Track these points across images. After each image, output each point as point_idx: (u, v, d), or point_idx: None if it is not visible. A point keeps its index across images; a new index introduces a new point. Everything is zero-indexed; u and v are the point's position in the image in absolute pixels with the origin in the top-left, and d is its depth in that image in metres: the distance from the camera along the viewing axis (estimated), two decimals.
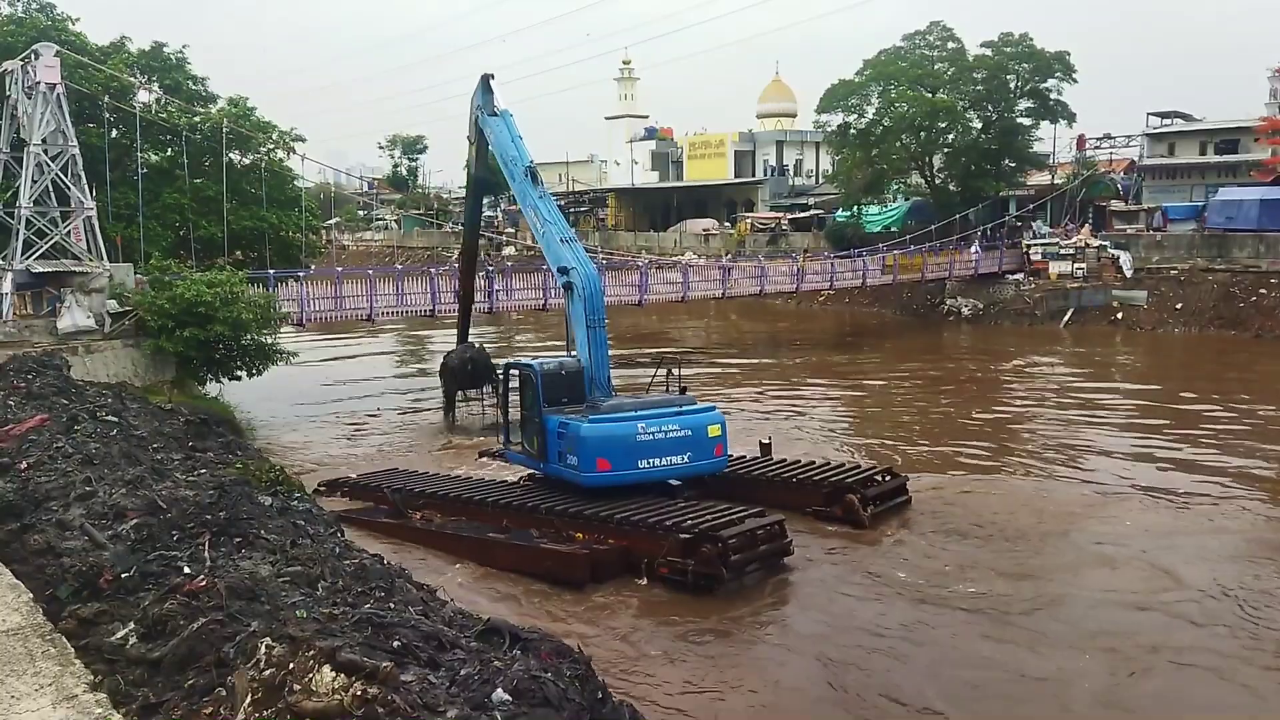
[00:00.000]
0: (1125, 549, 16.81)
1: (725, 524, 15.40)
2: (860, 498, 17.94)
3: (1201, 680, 12.29)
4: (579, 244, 20.55)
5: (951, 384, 34.23)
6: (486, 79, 23.30)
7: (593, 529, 16.41)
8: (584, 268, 19.60)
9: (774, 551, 15.92)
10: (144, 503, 10.44)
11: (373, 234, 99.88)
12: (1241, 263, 46.00)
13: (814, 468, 19.79)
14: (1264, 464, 22.70)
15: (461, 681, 7.27)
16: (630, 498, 16.83)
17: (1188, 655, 12.88)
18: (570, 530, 16.61)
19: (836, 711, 11.68)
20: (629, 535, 15.90)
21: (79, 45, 32.73)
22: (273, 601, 7.97)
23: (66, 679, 5.88)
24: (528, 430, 18.71)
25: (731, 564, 14.84)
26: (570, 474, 17.36)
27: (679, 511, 16.05)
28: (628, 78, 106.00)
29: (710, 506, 16.40)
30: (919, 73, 56.88)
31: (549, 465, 17.95)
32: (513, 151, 22.05)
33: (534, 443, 18.32)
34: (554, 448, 17.65)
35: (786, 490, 18.91)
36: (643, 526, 15.74)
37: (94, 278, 25.86)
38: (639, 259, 51.71)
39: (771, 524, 15.97)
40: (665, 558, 15.18)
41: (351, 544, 12.02)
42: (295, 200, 37.49)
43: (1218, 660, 12.70)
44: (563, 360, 18.85)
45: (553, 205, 21.47)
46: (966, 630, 13.65)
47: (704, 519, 15.59)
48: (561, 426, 17.42)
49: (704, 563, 14.80)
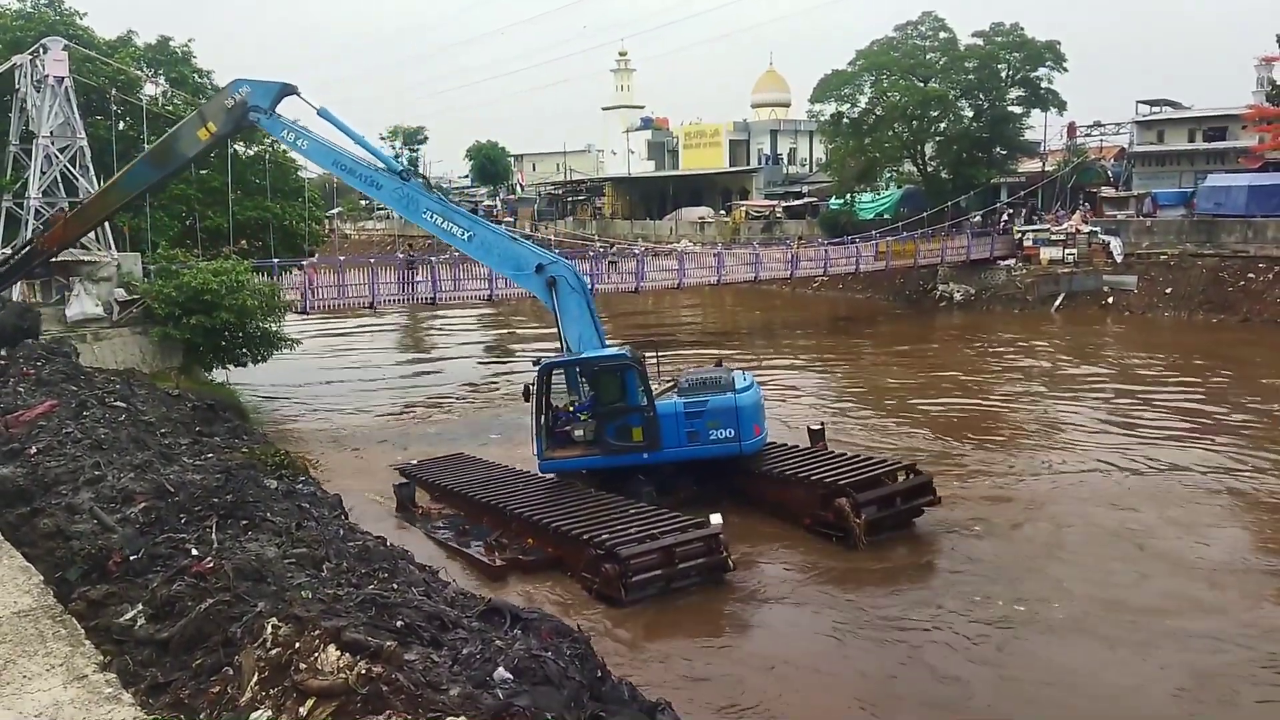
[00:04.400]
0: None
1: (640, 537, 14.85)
2: (853, 503, 16.43)
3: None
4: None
5: (944, 367, 34.38)
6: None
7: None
8: (557, 259, 19.65)
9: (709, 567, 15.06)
10: (152, 487, 10.50)
11: (374, 223, 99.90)
12: (1230, 248, 46.23)
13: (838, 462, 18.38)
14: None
15: (464, 660, 7.37)
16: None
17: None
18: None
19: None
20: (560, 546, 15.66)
21: (86, 39, 32.93)
22: (279, 583, 8.04)
23: (77, 659, 5.98)
24: (614, 424, 18.04)
25: (631, 584, 14.12)
26: (723, 448, 17.85)
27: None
28: (624, 69, 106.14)
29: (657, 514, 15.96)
30: (911, 62, 57.05)
31: (667, 451, 17.88)
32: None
33: (630, 434, 17.91)
34: (677, 430, 17.83)
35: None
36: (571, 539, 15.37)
37: (102, 267, 26.09)
38: (635, 247, 51.78)
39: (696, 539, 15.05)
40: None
41: (355, 526, 12.15)
42: (299, 190, 37.71)
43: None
44: (616, 350, 18.97)
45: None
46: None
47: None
48: (694, 406, 17.87)
49: (605, 582, 14.24)
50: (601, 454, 18.18)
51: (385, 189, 20.07)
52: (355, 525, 12.33)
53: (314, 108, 20.80)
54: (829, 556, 16.13)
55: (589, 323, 18.94)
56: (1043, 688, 11.98)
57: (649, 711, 8.14)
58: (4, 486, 10.42)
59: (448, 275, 34.47)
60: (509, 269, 19.92)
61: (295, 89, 20.94)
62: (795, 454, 19.16)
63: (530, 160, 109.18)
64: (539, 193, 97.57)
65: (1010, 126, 57.95)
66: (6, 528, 8.51)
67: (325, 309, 34.11)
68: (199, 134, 20.79)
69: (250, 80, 20.57)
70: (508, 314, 50.62)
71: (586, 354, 18.53)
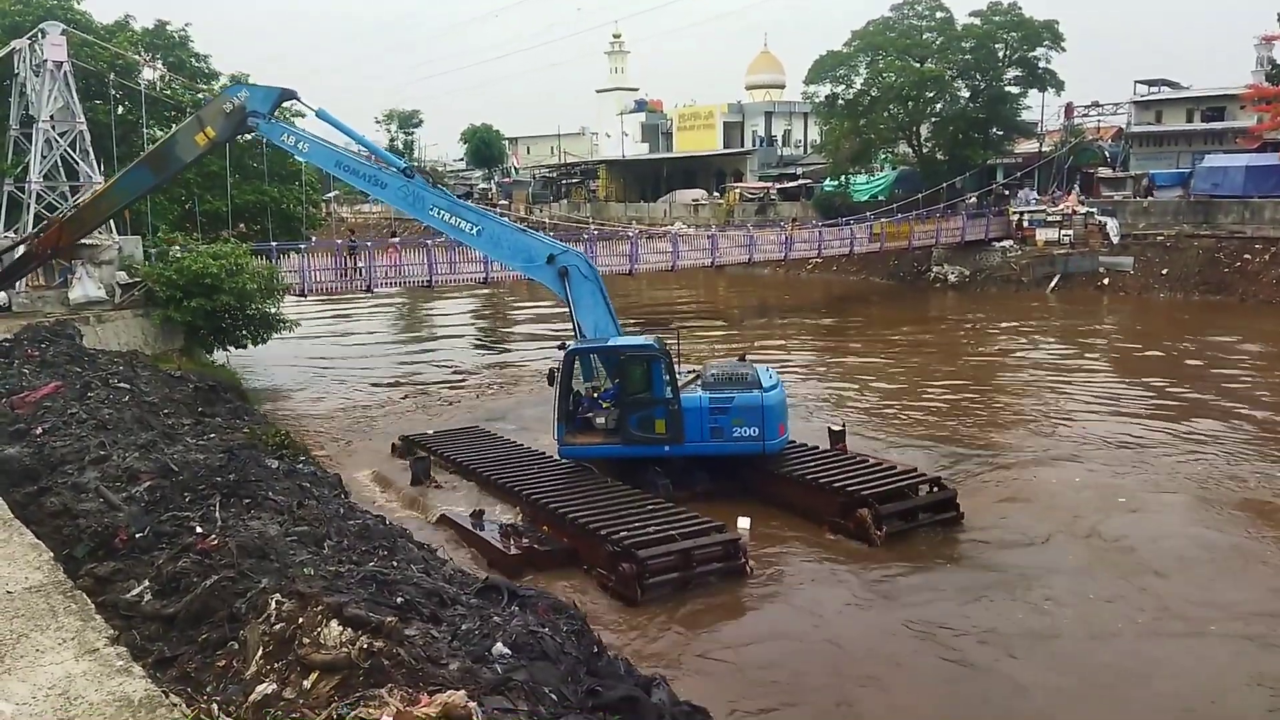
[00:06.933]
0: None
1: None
2: (875, 514, 16.10)
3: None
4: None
5: (935, 349, 34.58)
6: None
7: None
8: (568, 249, 19.47)
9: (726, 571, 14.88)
10: (156, 466, 10.65)
11: (370, 206, 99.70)
12: (1227, 228, 46.32)
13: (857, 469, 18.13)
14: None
15: (463, 636, 7.52)
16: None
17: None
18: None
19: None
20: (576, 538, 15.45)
21: (84, 24, 32.97)
22: (281, 559, 8.19)
23: (88, 633, 6.08)
24: (637, 415, 17.80)
25: (648, 585, 13.99)
26: (745, 446, 17.65)
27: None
28: (618, 51, 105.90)
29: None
30: (907, 43, 56.88)
31: (689, 445, 17.64)
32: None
33: (653, 426, 17.72)
34: (700, 425, 17.59)
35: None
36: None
37: (103, 250, 26.14)
38: (629, 229, 51.77)
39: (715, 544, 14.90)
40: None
41: (355, 506, 12.31)
42: (296, 174, 37.80)
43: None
44: (644, 339, 18.55)
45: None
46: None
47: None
48: (720, 402, 17.63)
49: (622, 581, 14.13)
50: (622, 443, 17.95)
51: (390, 188, 19.82)
52: (355, 504, 12.47)
53: (312, 110, 20.60)
54: (852, 555, 15.71)
55: (604, 310, 18.83)
56: (1094, 689, 11.57)
57: (644, 686, 8.28)
58: (11, 466, 10.53)
59: (443, 258, 34.48)
60: (519, 261, 19.67)
61: (294, 93, 20.74)
62: (817, 457, 18.82)
63: (525, 143, 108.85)
64: (533, 176, 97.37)
65: (1007, 107, 57.93)
66: (14, 506, 8.64)
67: (322, 291, 34.23)
68: (197, 139, 20.58)
69: (248, 85, 20.45)
70: (503, 295, 50.83)
71: (614, 342, 18.40)
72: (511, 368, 33.15)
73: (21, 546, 7.20)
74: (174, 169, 22.11)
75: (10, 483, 9.91)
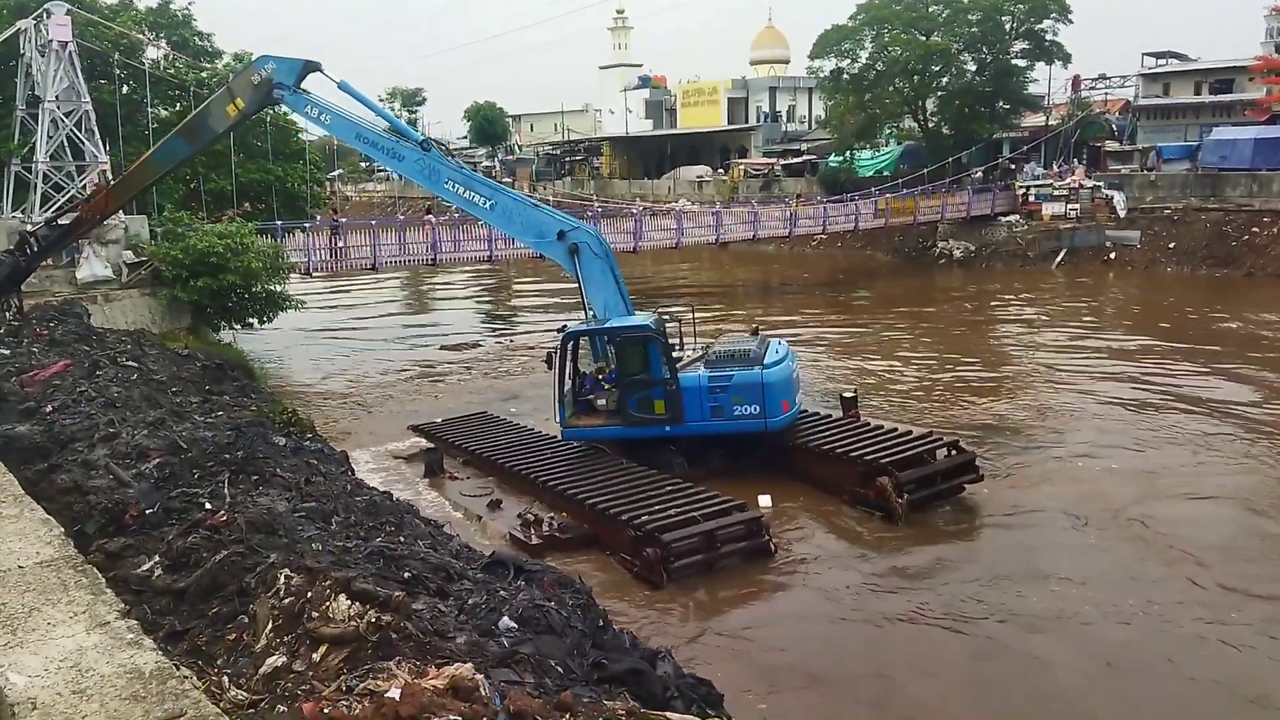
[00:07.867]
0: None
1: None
2: (895, 482, 15.92)
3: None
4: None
5: (942, 324, 34.60)
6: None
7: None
8: (580, 225, 19.33)
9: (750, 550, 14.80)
10: (165, 443, 10.76)
11: (374, 185, 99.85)
12: (1234, 202, 45.99)
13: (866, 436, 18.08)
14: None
15: (470, 610, 7.64)
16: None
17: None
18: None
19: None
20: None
21: (89, 4, 32.90)
22: (290, 535, 8.26)
23: (99, 607, 6.12)
24: (636, 395, 17.71)
25: (673, 569, 13.88)
26: (747, 424, 17.46)
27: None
28: (621, 27, 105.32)
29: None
30: (913, 16, 56.38)
31: (690, 425, 17.50)
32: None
33: (651, 406, 17.60)
34: (699, 405, 17.47)
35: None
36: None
37: (110, 229, 26.20)
38: (634, 206, 51.61)
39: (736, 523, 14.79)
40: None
41: (362, 482, 12.38)
42: (300, 153, 38.00)
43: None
44: (648, 319, 18.34)
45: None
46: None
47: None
48: (718, 380, 17.47)
49: (646, 566, 14.00)
50: (624, 424, 17.88)
51: (407, 161, 19.83)
52: (362, 481, 12.53)
53: (335, 81, 20.65)
54: (872, 533, 15.59)
55: (614, 289, 18.65)
56: (1122, 672, 11.45)
57: (649, 659, 8.37)
58: (22, 443, 10.63)
59: (448, 236, 34.52)
60: (531, 236, 19.61)
61: (319, 65, 20.78)
62: (832, 426, 18.75)
63: (528, 120, 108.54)
64: (537, 153, 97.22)
65: (1014, 80, 57.48)
66: (25, 483, 8.70)
67: (328, 270, 34.27)
68: (227, 110, 20.77)
69: (274, 56, 20.56)
70: (509, 274, 50.82)
71: (609, 323, 18.23)
72: (520, 348, 33.04)
73: (33, 522, 7.24)
74: (207, 139, 22.40)
75: (21, 460, 9.97)
